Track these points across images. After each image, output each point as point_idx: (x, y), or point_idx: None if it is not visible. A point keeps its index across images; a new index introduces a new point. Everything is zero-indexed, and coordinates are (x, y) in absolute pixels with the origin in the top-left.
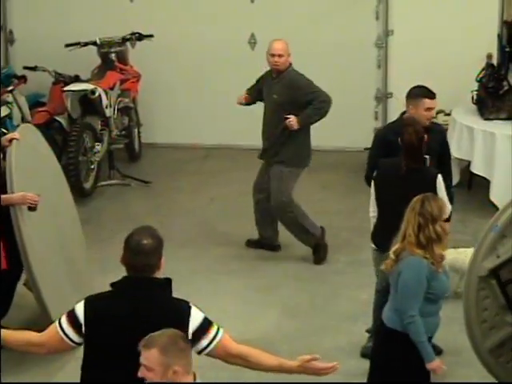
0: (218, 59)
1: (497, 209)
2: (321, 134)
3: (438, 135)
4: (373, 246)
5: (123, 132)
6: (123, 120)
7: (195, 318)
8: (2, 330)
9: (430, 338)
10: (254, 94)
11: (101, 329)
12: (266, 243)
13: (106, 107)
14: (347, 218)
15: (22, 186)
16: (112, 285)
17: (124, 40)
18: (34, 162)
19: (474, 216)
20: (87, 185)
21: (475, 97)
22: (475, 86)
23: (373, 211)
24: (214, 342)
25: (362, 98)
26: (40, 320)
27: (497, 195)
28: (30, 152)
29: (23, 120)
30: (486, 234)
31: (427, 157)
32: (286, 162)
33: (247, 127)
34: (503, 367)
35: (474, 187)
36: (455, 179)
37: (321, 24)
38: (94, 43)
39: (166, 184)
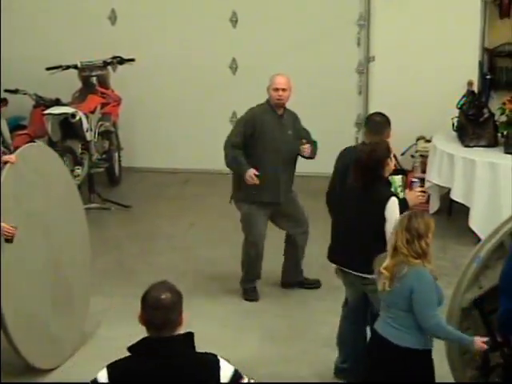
0: (199, 83)
1: (476, 236)
2: (302, 160)
3: None
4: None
5: (103, 156)
6: (104, 144)
7: (226, 370)
8: None
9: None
10: (242, 142)
11: None
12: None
13: (87, 131)
14: (324, 244)
15: (12, 210)
16: (130, 348)
17: (105, 64)
18: (32, 183)
19: (453, 243)
20: None
21: (456, 124)
22: (456, 112)
23: None
24: None
25: (342, 123)
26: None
27: (476, 222)
28: (28, 173)
29: (4, 143)
30: (468, 265)
31: (391, 178)
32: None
33: None
34: None
35: (453, 214)
36: (435, 206)
37: (302, 50)
38: (75, 67)
39: (146, 208)
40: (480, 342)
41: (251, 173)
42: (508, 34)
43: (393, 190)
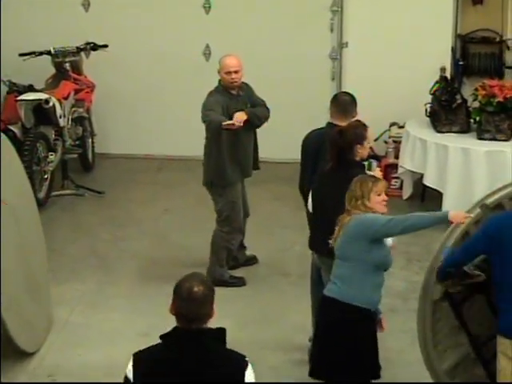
0: (173, 70)
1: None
2: (274, 146)
3: None
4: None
5: (77, 142)
6: (77, 130)
7: (250, 374)
8: None
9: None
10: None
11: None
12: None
13: (60, 117)
14: (300, 231)
15: None
16: (162, 337)
17: (78, 50)
18: None
19: (427, 229)
20: (40, 195)
21: (428, 110)
22: (429, 98)
23: None
24: None
25: (315, 109)
26: None
27: (449, 208)
28: None
29: None
30: (435, 257)
31: (366, 162)
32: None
33: (202, 139)
34: None
35: (426, 200)
36: (408, 191)
37: (275, 36)
38: (49, 53)
39: (120, 195)
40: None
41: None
42: (481, 20)
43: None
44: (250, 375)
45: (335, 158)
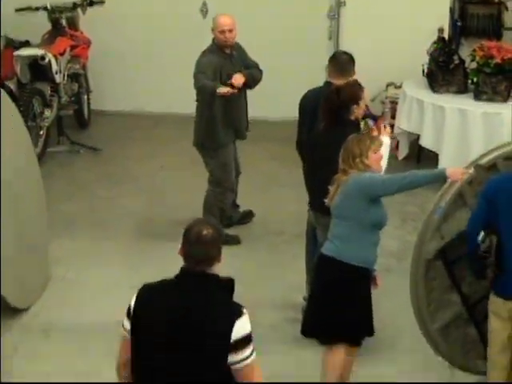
0: (169, 27)
1: (445, 182)
2: (270, 105)
3: None
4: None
5: (73, 98)
6: (73, 86)
7: (239, 330)
8: None
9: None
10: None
11: (144, 318)
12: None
13: (56, 73)
14: (295, 189)
15: None
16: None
17: (75, 6)
18: None
19: (422, 189)
20: (36, 150)
21: (426, 70)
22: (426, 59)
23: None
24: (241, 364)
25: (312, 68)
26: None
27: None
28: None
29: None
30: (429, 216)
31: (363, 122)
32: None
33: None
34: (450, 346)
35: (422, 160)
36: (404, 152)
37: None
38: (45, 8)
39: (115, 151)
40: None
41: (225, 89)
42: None
43: None
44: (241, 327)
45: (331, 117)
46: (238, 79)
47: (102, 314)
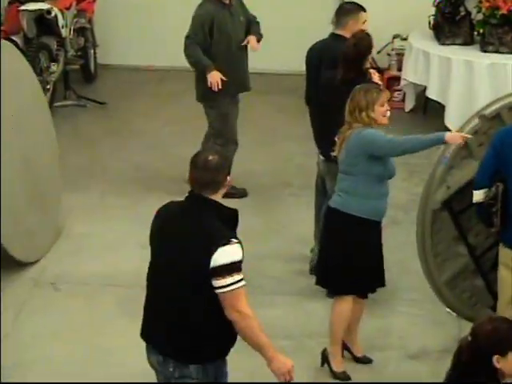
0: None
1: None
2: (276, 58)
3: None
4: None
5: (79, 52)
6: (79, 41)
7: (220, 257)
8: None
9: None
10: (204, 40)
11: (151, 236)
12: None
13: (62, 27)
14: (301, 142)
15: None
16: None
17: None
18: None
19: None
20: None
21: (432, 22)
22: (433, 10)
23: None
24: (222, 291)
25: (317, 22)
26: None
27: (451, 120)
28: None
29: None
30: (435, 167)
31: (372, 71)
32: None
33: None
34: (458, 298)
35: (428, 112)
36: (411, 104)
37: None
38: None
39: (122, 105)
40: (452, 134)
41: (216, 76)
42: None
43: None
44: (223, 255)
45: (351, 70)
46: (254, 45)
47: (109, 267)
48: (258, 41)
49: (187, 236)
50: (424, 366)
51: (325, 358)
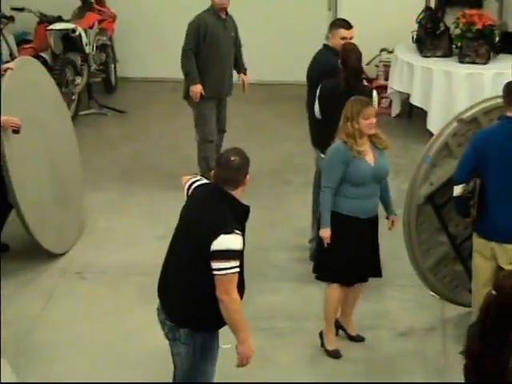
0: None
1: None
2: (276, 69)
3: None
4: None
5: (101, 67)
6: (101, 56)
7: (219, 243)
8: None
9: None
10: (195, 44)
11: (183, 207)
12: None
13: (86, 45)
14: (300, 143)
15: (13, 111)
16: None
17: None
18: (28, 91)
19: (412, 142)
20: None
21: (415, 36)
22: (415, 27)
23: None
24: (214, 273)
25: (312, 39)
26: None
27: (433, 124)
28: (25, 82)
29: (11, 56)
30: (419, 165)
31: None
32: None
33: None
34: (441, 282)
35: (413, 117)
36: (397, 110)
37: None
38: None
39: (139, 113)
40: (325, 232)
41: (198, 89)
42: None
43: None
44: (224, 241)
45: (353, 81)
46: (247, 83)
47: (129, 258)
48: (245, 73)
49: (201, 219)
50: (411, 342)
51: (322, 338)
